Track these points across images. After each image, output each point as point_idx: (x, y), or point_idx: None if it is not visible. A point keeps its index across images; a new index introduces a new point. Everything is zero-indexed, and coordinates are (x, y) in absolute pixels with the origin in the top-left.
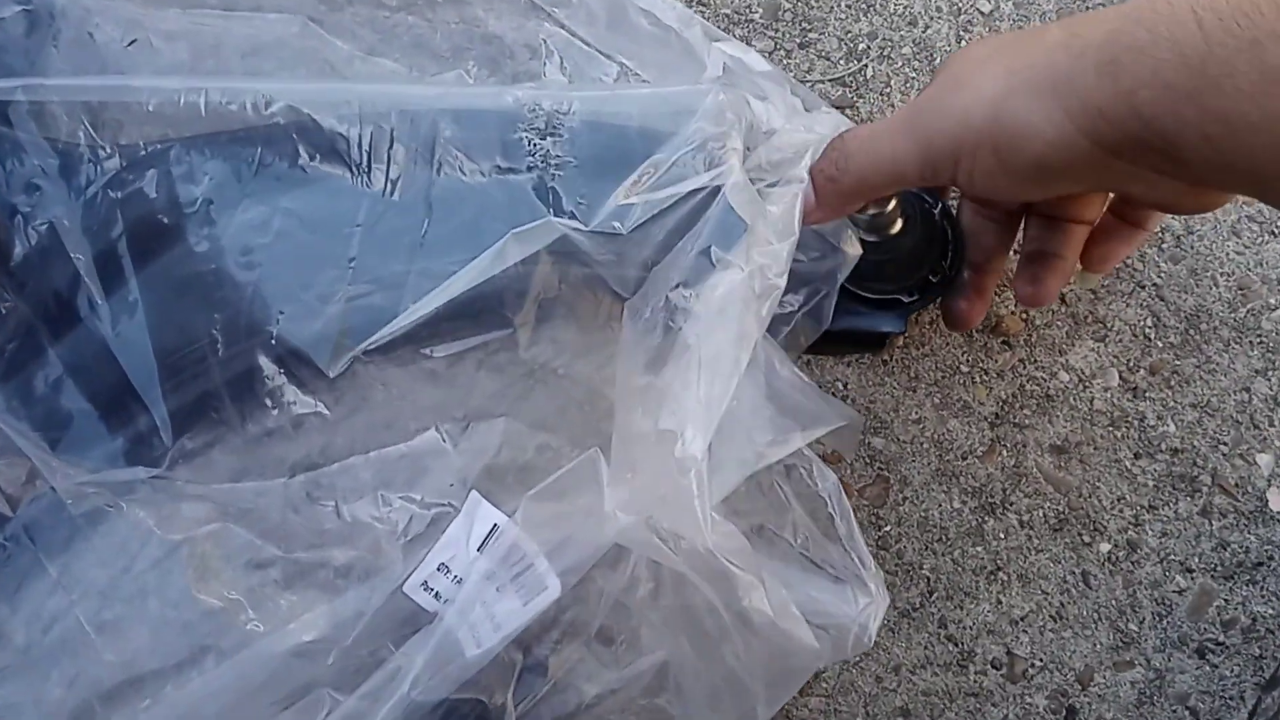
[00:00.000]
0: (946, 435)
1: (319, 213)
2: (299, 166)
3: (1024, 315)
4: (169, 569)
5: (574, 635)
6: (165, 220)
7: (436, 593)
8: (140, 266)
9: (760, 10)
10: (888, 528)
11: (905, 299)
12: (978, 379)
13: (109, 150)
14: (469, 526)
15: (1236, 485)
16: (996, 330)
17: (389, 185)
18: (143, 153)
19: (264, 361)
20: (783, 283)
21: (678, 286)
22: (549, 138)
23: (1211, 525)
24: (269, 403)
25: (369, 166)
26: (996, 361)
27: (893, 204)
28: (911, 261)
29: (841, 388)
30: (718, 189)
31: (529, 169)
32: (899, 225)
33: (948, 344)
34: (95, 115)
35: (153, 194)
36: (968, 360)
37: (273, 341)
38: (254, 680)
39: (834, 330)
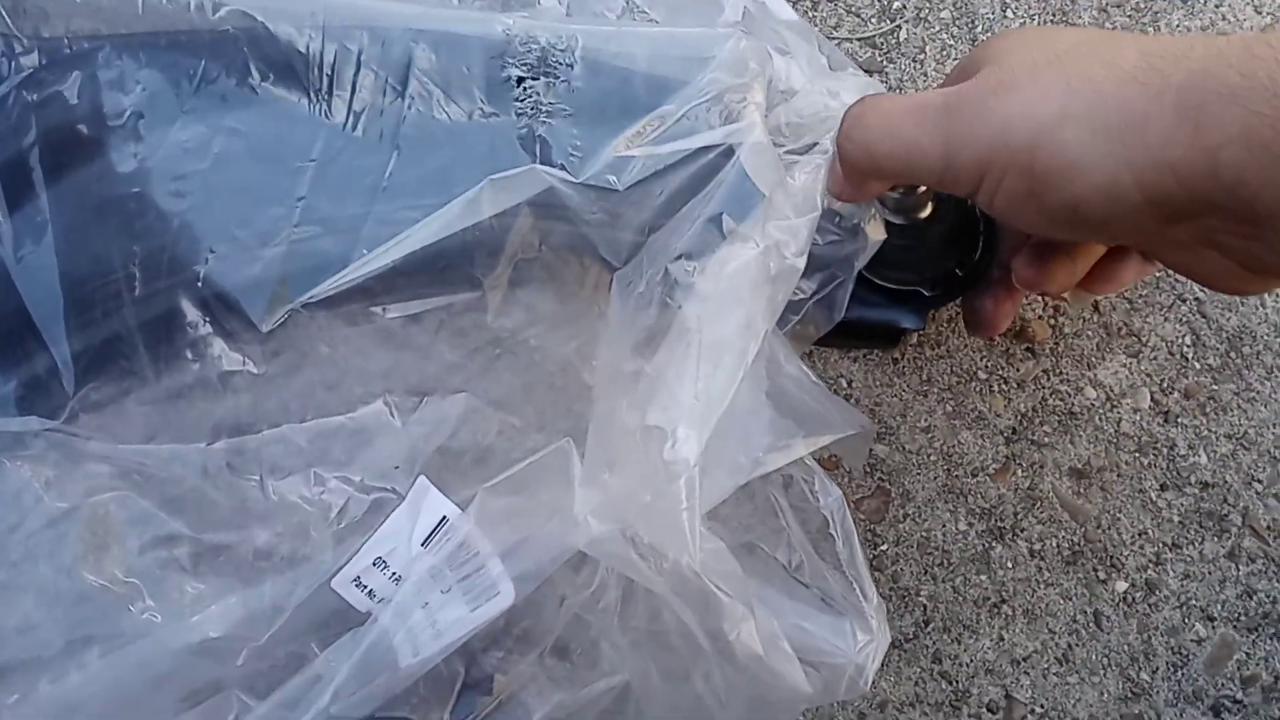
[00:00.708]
0: (957, 448)
1: (267, 140)
2: (248, 85)
3: (1052, 321)
4: (65, 532)
5: (525, 649)
6: (86, 131)
7: (370, 590)
8: (52, 182)
9: None
10: (884, 546)
11: (927, 292)
12: (996, 388)
13: (27, 44)
14: (414, 517)
15: (1269, 528)
16: (1021, 335)
17: (351, 117)
18: (66, 50)
19: (187, 305)
20: (801, 264)
21: (680, 258)
22: (542, 78)
23: (1238, 570)
24: (190, 354)
25: (329, 92)
26: (1018, 370)
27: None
28: (938, 251)
29: (845, 385)
30: (733, 149)
31: (516, 114)
32: (929, 209)
33: (966, 346)
34: (15, 3)
35: (74, 100)
36: (986, 366)
37: (199, 283)
38: (146, 677)
39: (845, 321)
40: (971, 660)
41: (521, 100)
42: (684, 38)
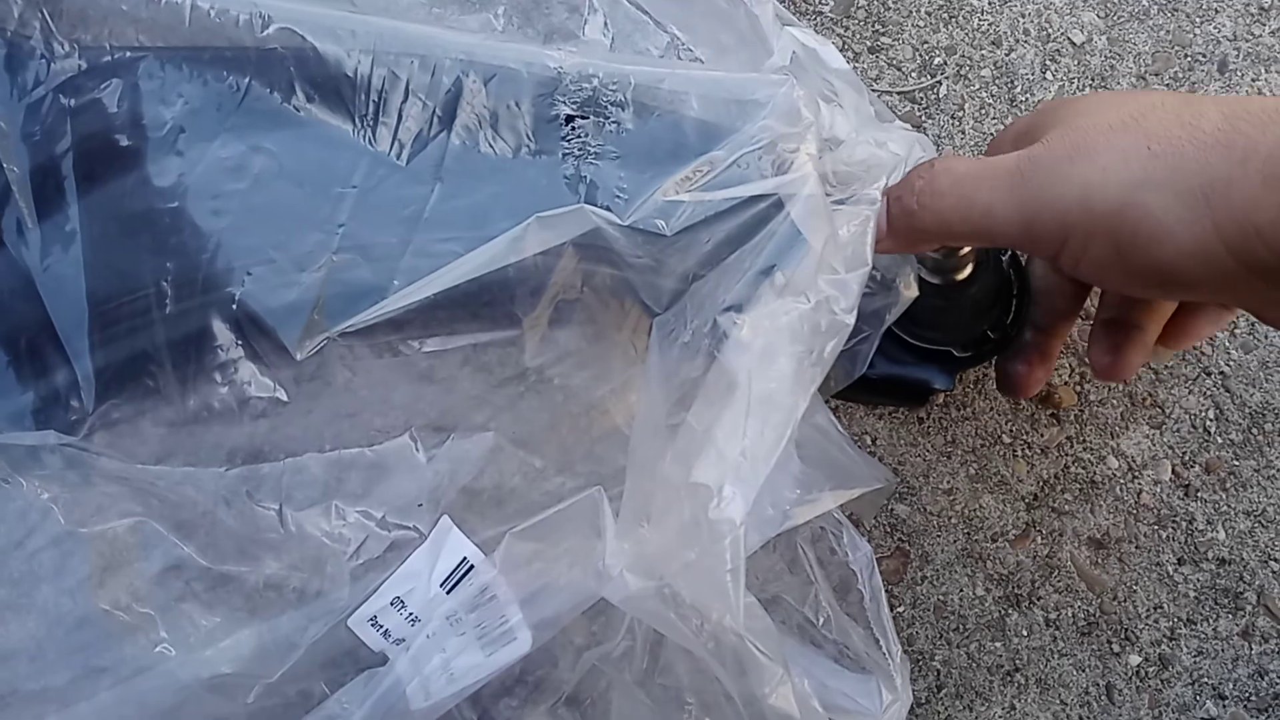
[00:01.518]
0: (978, 512)
1: (309, 164)
2: (292, 105)
3: (1078, 388)
4: (71, 551)
5: (539, 698)
6: (124, 142)
7: (386, 631)
8: (85, 192)
9: (831, 4)
10: (901, 608)
11: (958, 353)
12: (1019, 452)
13: (67, 48)
14: (435, 557)
15: None
16: (1047, 401)
17: (395, 145)
18: (108, 58)
19: (219, 327)
20: (851, 320)
21: (728, 310)
22: (592, 117)
23: (1251, 649)
24: (218, 377)
25: (375, 119)
26: (1042, 436)
27: (968, 247)
28: (972, 313)
29: (870, 442)
30: (783, 200)
31: (563, 154)
32: (968, 270)
33: (991, 409)
34: (56, 4)
35: (113, 108)
36: (1011, 430)
37: (233, 305)
38: (154, 712)
39: (874, 378)
40: None
41: (569, 139)
42: (735, 83)
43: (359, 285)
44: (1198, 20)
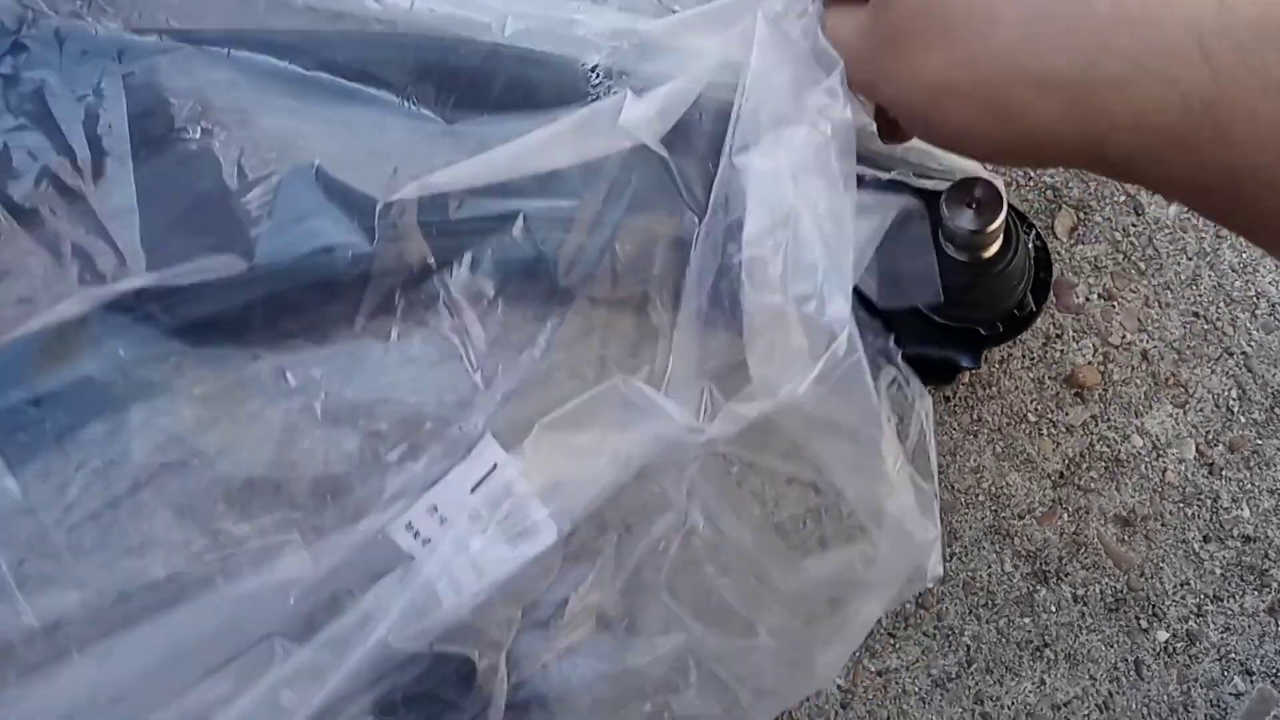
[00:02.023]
0: (1005, 489)
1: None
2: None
3: (1102, 368)
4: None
5: (584, 601)
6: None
7: (416, 532)
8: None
9: None
10: (930, 585)
11: (984, 331)
12: (1045, 431)
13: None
14: (471, 466)
15: None
16: (1070, 380)
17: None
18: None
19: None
20: (849, 114)
21: (740, 152)
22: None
23: (1277, 625)
24: None
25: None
26: (1067, 415)
27: (997, 222)
28: (998, 291)
29: (898, 420)
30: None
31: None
32: (996, 248)
33: (1016, 388)
34: None
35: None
36: (1036, 409)
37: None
38: (207, 627)
39: (901, 356)
40: (1013, 704)
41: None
42: None
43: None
44: None
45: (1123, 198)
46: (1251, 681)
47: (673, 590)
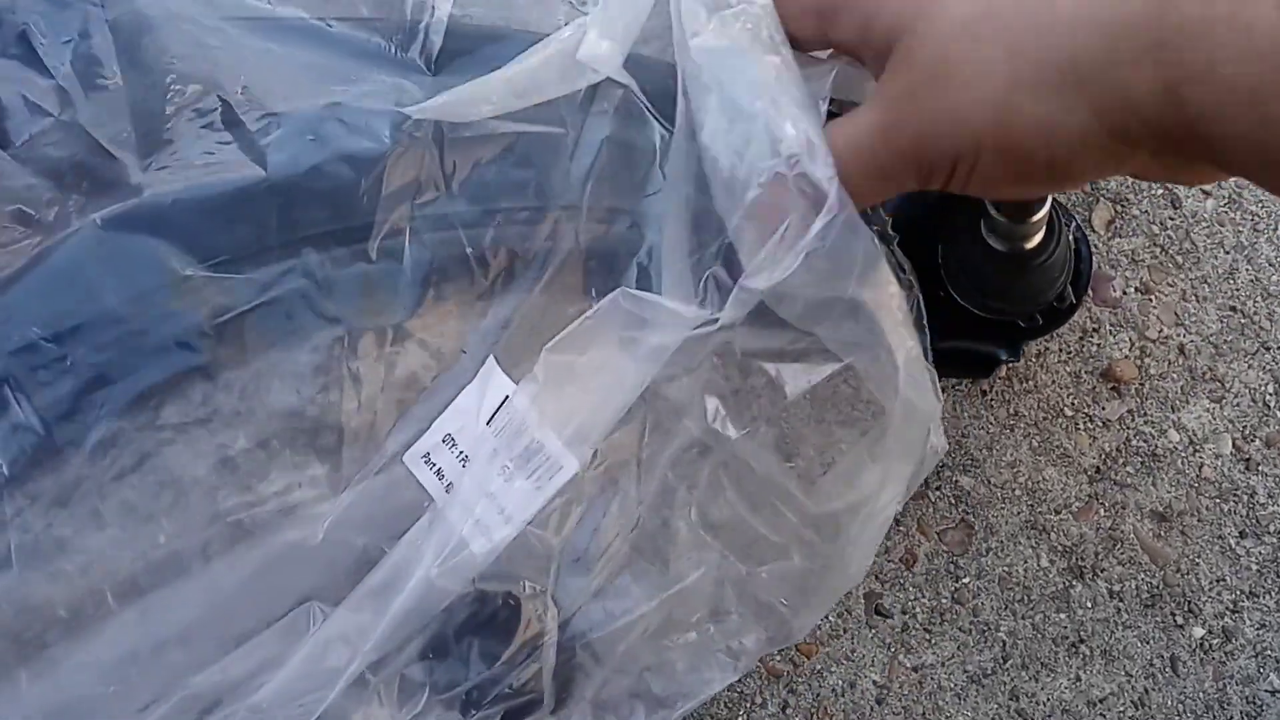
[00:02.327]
0: (1041, 484)
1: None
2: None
3: (1139, 362)
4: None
5: (616, 533)
6: None
7: (440, 470)
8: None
9: None
10: (966, 579)
11: (1024, 324)
12: (1081, 425)
13: None
14: (481, 395)
15: None
16: (1107, 375)
17: None
18: None
19: None
20: None
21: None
22: None
23: None
24: None
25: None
26: (1104, 409)
27: (1041, 213)
28: (1039, 284)
29: None
30: None
31: None
32: (1039, 239)
33: (1053, 382)
34: None
35: None
36: (1073, 404)
37: None
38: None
39: (941, 349)
40: (1048, 699)
41: None
42: None
43: None
44: None
45: (1160, 191)
46: None
47: (704, 521)
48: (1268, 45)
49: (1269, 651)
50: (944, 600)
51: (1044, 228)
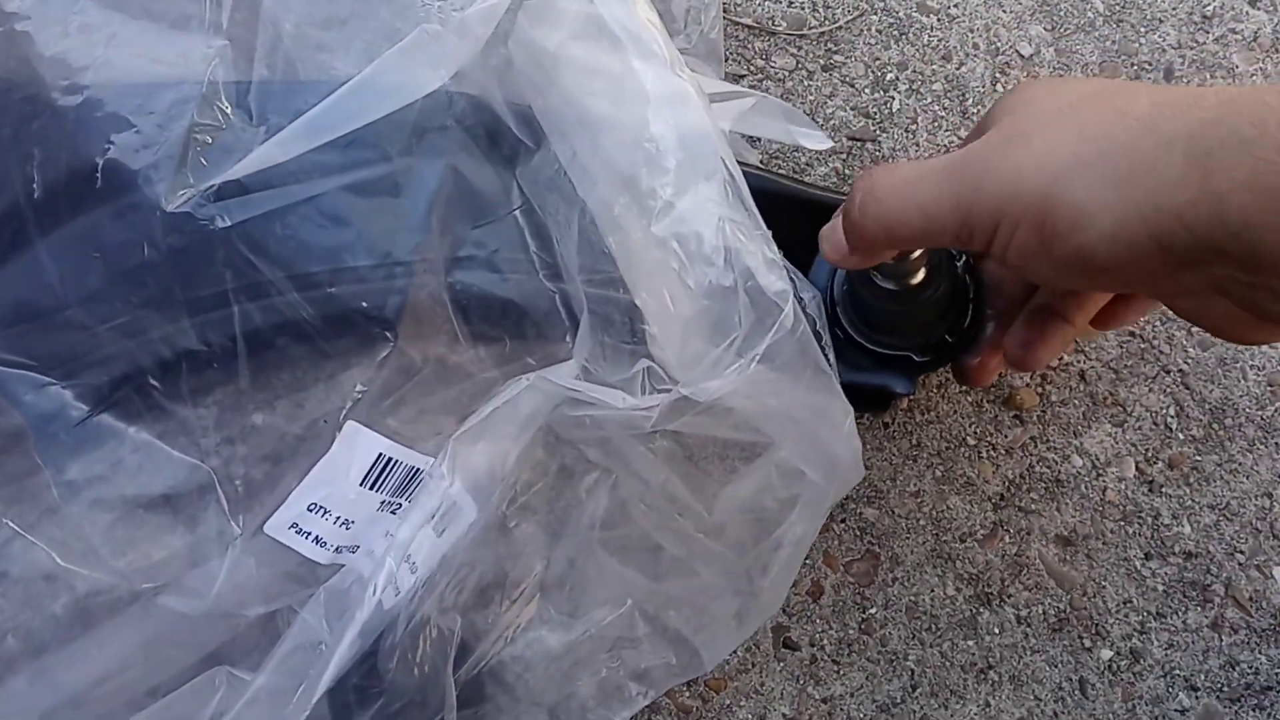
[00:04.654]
0: (946, 513)
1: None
2: None
3: (1040, 389)
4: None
5: (524, 572)
6: None
7: (318, 538)
8: None
9: (784, 24)
10: (873, 609)
11: (918, 357)
12: (984, 454)
13: None
14: (349, 460)
15: (1250, 599)
16: (1009, 402)
17: None
18: None
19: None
20: None
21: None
22: None
23: (1221, 641)
24: None
25: None
26: (1006, 437)
27: (919, 250)
28: (930, 317)
29: None
30: None
31: None
32: (921, 275)
33: (955, 412)
34: None
35: None
36: (975, 432)
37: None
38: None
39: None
40: None
41: None
42: None
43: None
44: (1143, 30)
45: None
46: (1196, 697)
47: (608, 546)
48: None
49: (1177, 671)
50: (851, 631)
51: (925, 264)
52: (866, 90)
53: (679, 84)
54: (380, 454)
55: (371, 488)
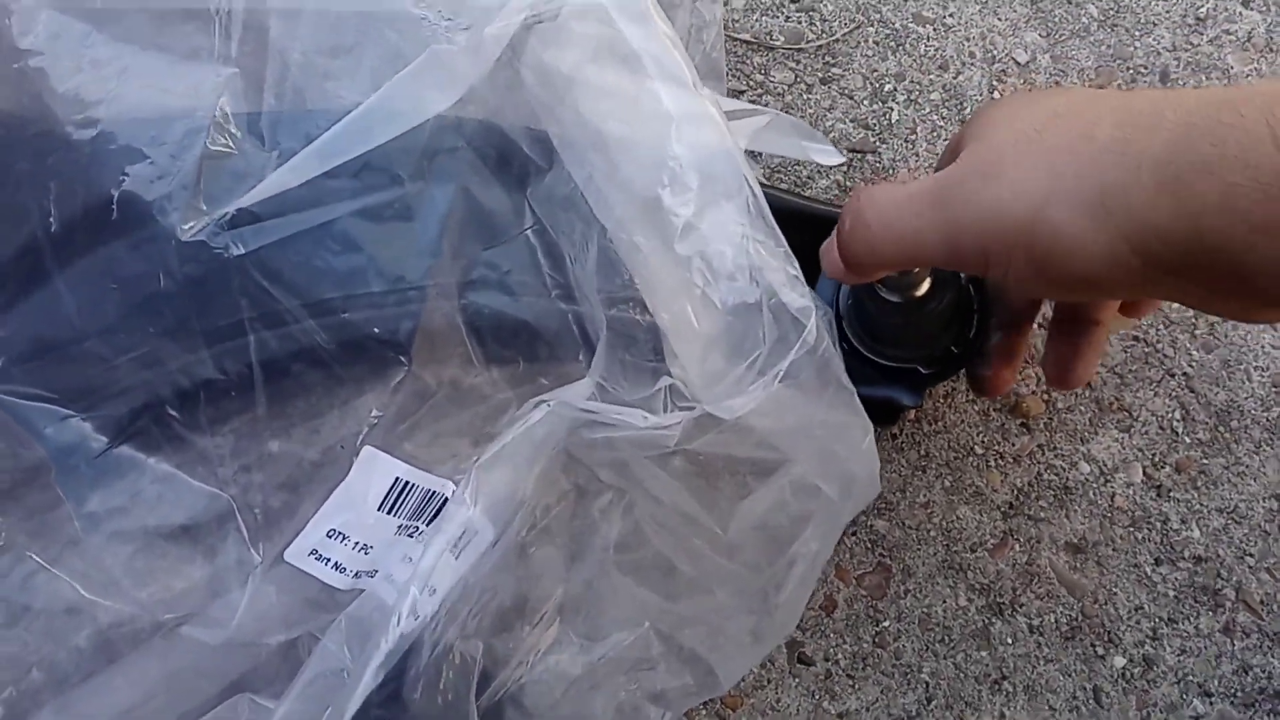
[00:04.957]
0: (956, 523)
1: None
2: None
3: (1045, 396)
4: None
5: (543, 594)
6: None
7: (338, 564)
8: None
9: (782, 38)
10: (886, 623)
11: (924, 370)
12: (992, 463)
13: None
14: (365, 486)
15: (1262, 603)
16: (1015, 411)
17: None
18: None
19: None
20: None
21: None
22: None
23: (1233, 645)
24: None
25: None
26: (1014, 445)
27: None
28: (935, 329)
29: None
30: None
31: None
32: (925, 287)
33: (962, 422)
34: None
35: None
36: (983, 441)
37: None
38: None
39: None
40: None
41: None
42: None
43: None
44: (1137, 34)
45: None
46: (1210, 703)
47: (623, 567)
48: (1274, 183)
49: (1191, 677)
50: (865, 645)
51: (928, 276)
52: (865, 102)
53: (700, 103)
54: (398, 478)
55: (389, 512)
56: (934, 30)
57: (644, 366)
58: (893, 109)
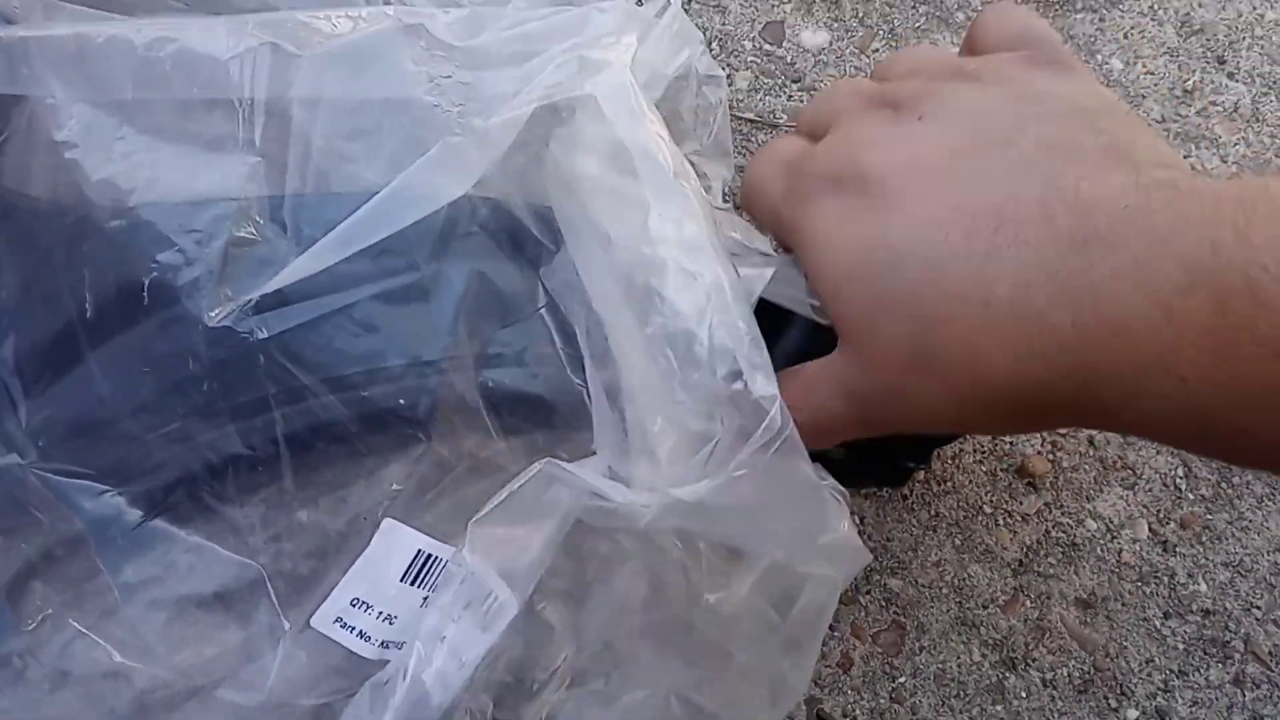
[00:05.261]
0: (967, 581)
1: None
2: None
3: (1051, 457)
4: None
5: (559, 655)
6: None
7: (362, 632)
8: None
9: (785, 116)
10: (903, 679)
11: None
12: (1001, 522)
13: None
14: (387, 558)
15: (1270, 654)
16: (1022, 471)
17: None
18: None
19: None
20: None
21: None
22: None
23: (1244, 696)
24: None
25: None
26: (1021, 504)
27: None
28: None
29: (858, 521)
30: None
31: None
32: None
33: (970, 482)
34: None
35: None
36: (991, 501)
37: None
38: None
39: (853, 461)
40: None
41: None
42: None
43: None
44: (1128, 104)
45: None
46: None
47: (641, 630)
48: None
49: None
50: (883, 701)
51: None
52: None
53: (679, 190)
54: (419, 550)
55: (413, 584)
56: None
57: (624, 445)
58: None
